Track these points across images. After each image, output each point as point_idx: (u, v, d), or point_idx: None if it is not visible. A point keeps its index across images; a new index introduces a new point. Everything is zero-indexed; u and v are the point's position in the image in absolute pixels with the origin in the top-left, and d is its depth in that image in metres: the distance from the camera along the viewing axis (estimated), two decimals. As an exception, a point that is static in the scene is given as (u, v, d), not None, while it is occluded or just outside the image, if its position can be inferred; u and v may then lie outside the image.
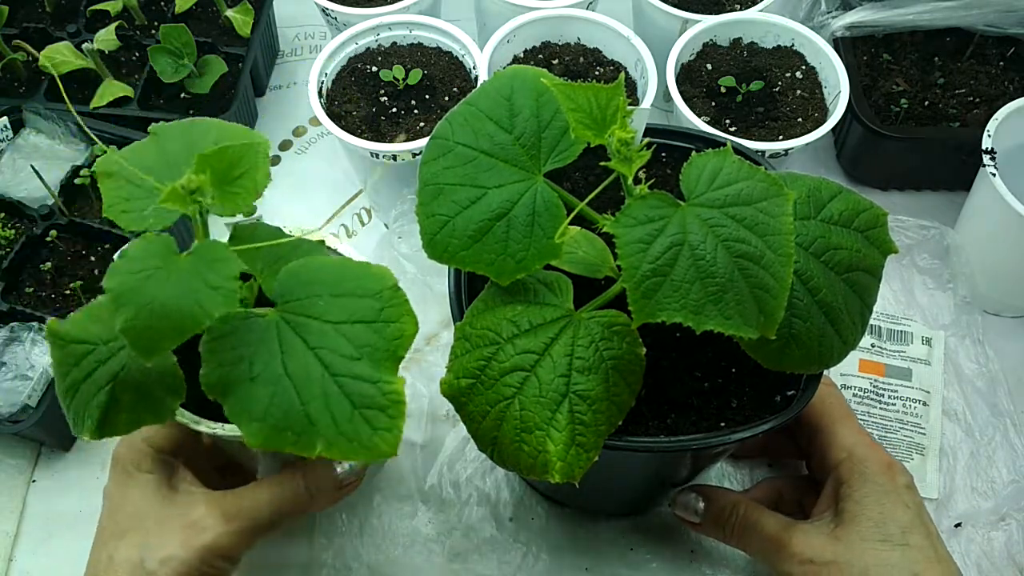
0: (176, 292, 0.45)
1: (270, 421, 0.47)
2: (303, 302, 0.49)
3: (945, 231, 0.88)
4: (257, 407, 0.47)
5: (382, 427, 0.47)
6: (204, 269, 0.45)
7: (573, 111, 0.49)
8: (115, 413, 0.50)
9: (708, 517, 0.66)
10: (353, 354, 0.48)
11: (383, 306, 0.49)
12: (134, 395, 0.50)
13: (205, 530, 0.56)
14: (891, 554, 0.58)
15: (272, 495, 0.58)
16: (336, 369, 0.48)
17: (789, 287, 0.47)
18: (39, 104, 0.91)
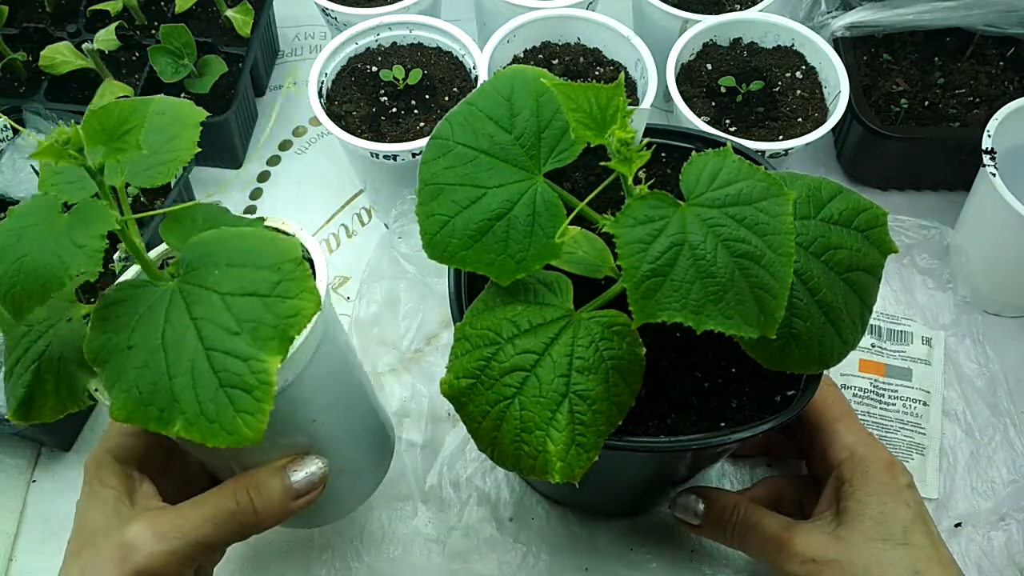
0: (44, 250, 0.44)
1: (135, 394, 0.44)
2: (200, 272, 0.47)
3: (945, 231, 0.88)
4: (127, 378, 0.45)
5: (245, 409, 0.44)
6: (75, 227, 0.44)
7: (573, 111, 0.49)
8: (40, 396, 0.50)
9: (708, 519, 0.66)
10: (233, 328, 0.45)
11: (280, 279, 0.46)
12: (55, 376, 0.49)
13: (136, 550, 0.52)
14: (893, 553, 0.58)
15: (209, 509, 0.53)
16: (211, 343, 0.45)
17: (789, 287, 0.47)
18: (39, 104, 0.91)
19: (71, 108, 0.92)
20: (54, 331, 0.50)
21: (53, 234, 0.44)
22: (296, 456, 0.56)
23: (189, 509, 0.54)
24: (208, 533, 0.53)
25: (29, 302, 0.44)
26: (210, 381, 0.44)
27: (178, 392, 0.44)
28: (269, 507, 0.54)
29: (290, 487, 0.55)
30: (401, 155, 0.82)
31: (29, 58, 0.97)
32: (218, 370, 0.44)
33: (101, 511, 0.55)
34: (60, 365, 0.49)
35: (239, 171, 0.99)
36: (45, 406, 0.50)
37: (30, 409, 0.50)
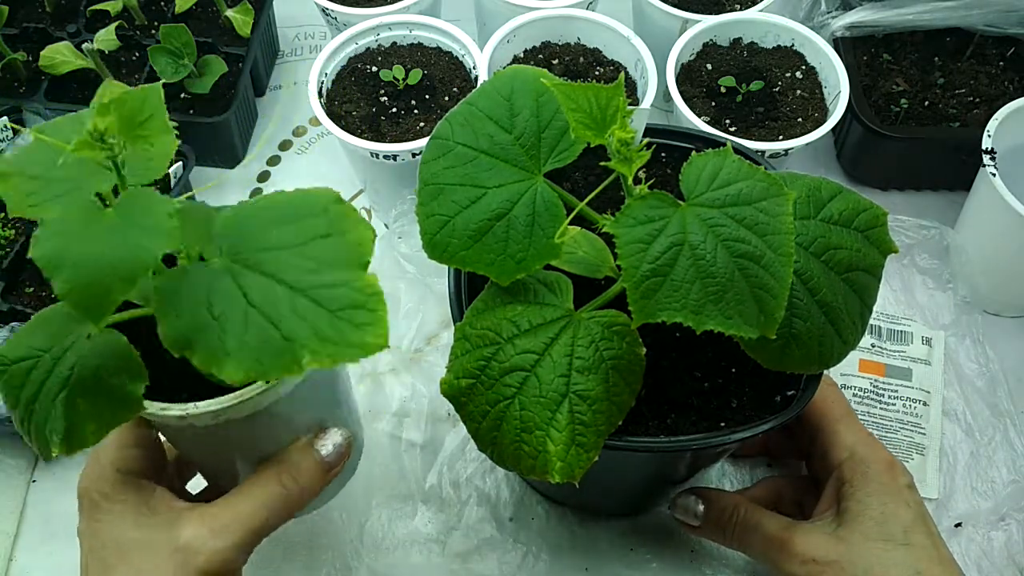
0: (112, 241, 0.42)
1: (246, 353, 0.44)
2: (246, 239, 0.47)
3: (945, 231, 0.88)
4: (229, 343, 0.44)
5: (365, 322, 0.45)
6: (136, 213, 0.43)
7: (573, 111, 0.49)
8: (79, 422, 0.47)
9: (708, 520, 0.66)
10: (313, 267, 0.46)
11: (332, 219, 0.47)
12: (93, 396, 0.47)
13: (199, 551, 0.52)
14: (894, 553, 0.58)
15: (259, 496, 0.54)
16: (300, 285, 0.45)
17: (789, 287, 0.47)
18: (39, 104, 0.91)
19: (71, 108, 0.92)
20: (73, 353, 0.48)
21: (113, 226, 0.43)
22: (318, 432, 0.58)
23: (239, 500, 0.54)
24: (263, 519, 0.54)
25: (110, 297, 0.42)
26: (319, 313, 0.45)
27: (291, 333, 0.44)
28: (309, 484, 0.56)
29: (323, 461, 0.57)
30: (401, 155, 0.82)
31: (29, 58, 0.97)
32: (323, 302, 0.45)
33: (120, 525, 0.53)
34: (97, 384, 0.47)
35: (239, 171, 0.99)
36: (87, 432, 0.47)
37: (73, 440, 0.47)
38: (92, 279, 0.41)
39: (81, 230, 0.43)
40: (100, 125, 0.43)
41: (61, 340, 0.48)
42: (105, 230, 0.43)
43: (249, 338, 0.44)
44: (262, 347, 0.44)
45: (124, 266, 0.42)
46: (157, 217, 0.43)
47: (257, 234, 0.47)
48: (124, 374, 0.47)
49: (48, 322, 0.49)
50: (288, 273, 0.46)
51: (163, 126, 0.46)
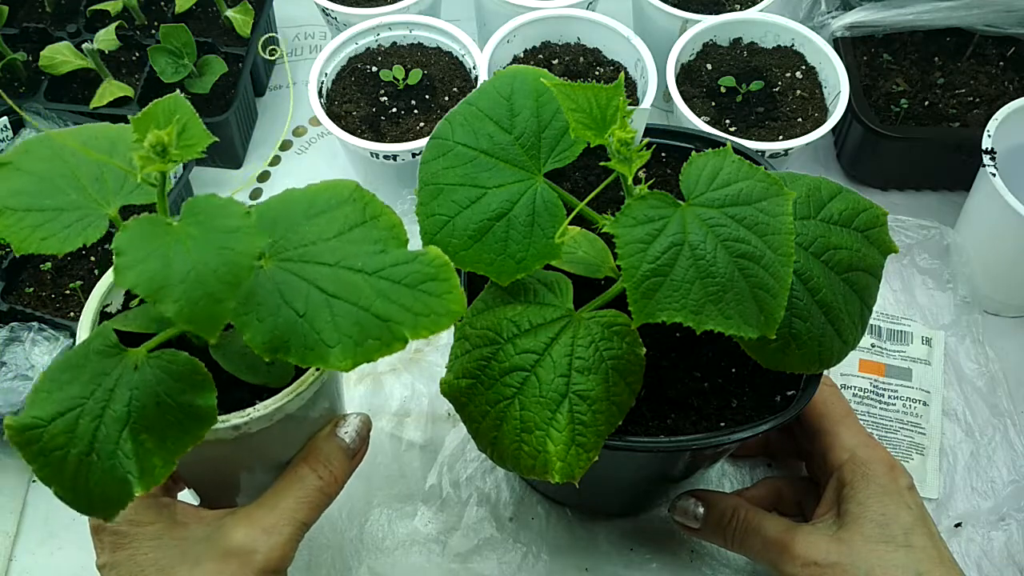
0: (207, 252, 0.42)
1: (348, 342, 0.45)
2: (284, 237, 0.48)
3: (945, 231, 0.88)
4: (327, 336, 0.45)
5: (444, 291, 0.47)
6: (214, 220, 0.43)
7: (573, 111, 0.49)
8: (147, 461, 0.45)
9: (707, 522, 0.66)
10: (375, 250, 0.48)
11: (362, 207, 0.49)
12: (159, 425, 0.45)
13: (255, 551, 0.53)
14: (895, 555, 0.58)
15: (300, 490, 0.56)
16: (371, 268, 0.47)
17: (789, 287, 0.47)
18: (39, 104, 0.91)
19: (71, 108, 0.92)
20: (124, 389, 0.46)
21: (196, 239, 0.43)
22: (337, 419, 0.60)
23: (281, 498, 0.55)
24: (306, 513, 0.55)
25: (223, 307, 0.42)
26: (402, 291, 0.47)
27: (384, 314, 0.46)
28: (340, 471, 0.58)
29: (348, 447, 0.59)
30: (401, 155, 0.82)
31: (29, 58, 0.97)
32: (402, 279, 0.47)
33: (156, 546, 0.53)
34: (161, 411, 0.46)
35: (239, 171, 0.99)
36: (155, 465, 0.45)
37: (146, 476, 0.45)
38: (202, 294, 0.41)
39: (168, 248, 0.42)
40: (162, 138, 0.43)
41: (101, 381, 0.46)
42: (193, 243, 0.42)
43: (344, 327, 0.45)
44: (361, 333, 0.46)
45: (228, 273, 0.42)
46: (237, 219, 0.43)
47: (292, 230, 0.48)
48: (191, 391, 0.46)
49: (76, 368, 0.46)
50: (355, 258, 0.47)
51: (202, 132, 0.46)
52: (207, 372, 0.47)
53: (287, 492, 0.56)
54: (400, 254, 0.48)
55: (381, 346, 0.46)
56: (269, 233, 0.48)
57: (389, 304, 0.46)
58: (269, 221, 0.49)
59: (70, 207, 0.47)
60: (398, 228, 0.49)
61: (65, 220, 0.46)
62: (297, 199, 0.50)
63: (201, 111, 0.93)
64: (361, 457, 0.60)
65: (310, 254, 0.48)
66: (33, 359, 0.76)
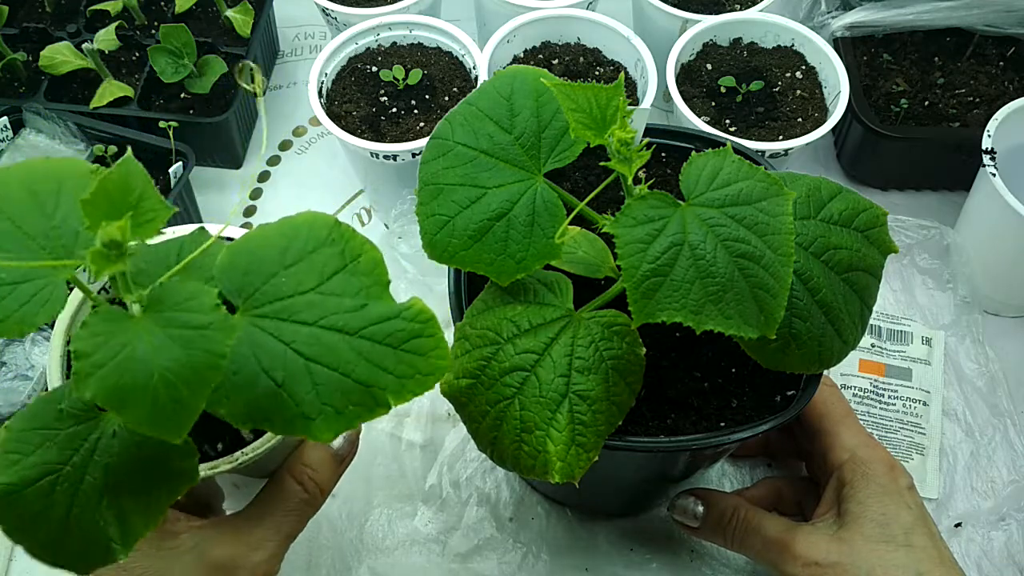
0: (173, 352, 0.38)
1: (329, 412, 0.42)
2: (257, 287, 0.44)
3: (945, 231, 0.88)
4: (307, 407, 0.42)
5: (429, 349, 0.44)
6: (179, 317, 0.39)
7: (573, 111, 0.49)
8: (128, 520, 0.43)
9: (707, 522, 0.66)
10: (356, 304, 0.44)
11: (341, 248, 0.45)
12: (139, 489, 0.44)
13: (239, 568, 0.52)
14: (895, 555, 0.58)
15: (285, 502, 0.55)
16: (352, 328, 0.44)
17: (789, 287, 0.47)
18: (39, 104, 0.91)
19: (71, 108, 0.92)
20: (103, 455, 0.44)
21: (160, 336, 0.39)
22: None
23: (264, 510, 0.54)
24: (292, 525, 0.54)
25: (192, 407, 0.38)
26: (385, 352, 0.43)
27: (367, 379, 0.43)
28: (326, 480, 0.56)
29: (336, 453, 0.57)
30: (401, 155, 0.82)
31: (29, 58, 0.97)
32: (384, 340, 0.44)
33: (143, 558, 0.52)
34: (142, 475, 0.44)
35: (239, 171, 0.99)
36: (137, 529, 0.44)
37: (125, 542, 0.44)
38: (168, 401, 0.38)
39: (129, 350, 0.38)
40: (115, 234, 0.37)
41: (79, 447, 0.44)
42: (157, 343, 0.38)
43: (326, 395, 0.42)
44: (343, 400, 0.43)
45: (198, 376, 0.38)
46: (207, 313, 0.39)
47: (266, 279, 0.44)
48: (172, 455, 0.44)
49: (48, 431, 0.44)
50: (333, 319, 0.44)
51: (158, 202, 0.41)
52: (188, 439, 0.42)
53: (272, 505, 0.55)
54: (383, 309, 0.44)
55: (363, 412, 0.43)
56: (242, 283, 0.44)
57: (372, 368, 0.43)
58: (242, 269, 0.45)
59: (24, 278, 0.41)
60: (380, 268, 0.45)
61: (21, 296, 0.41)
62: (271, 242, 0.45)
63: (201, 111, 0.94)
64: (349, 461, 0.59)
65: (288, 310, 0.44)
66: (33, 359, 0.76)
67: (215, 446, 0.53)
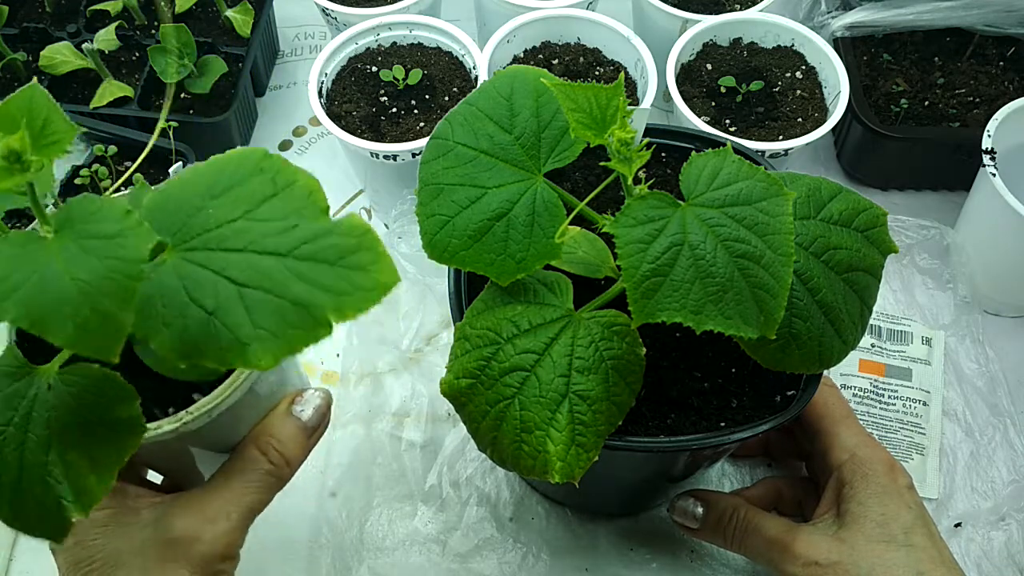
0: (89, 267, 0.37)
1: (266, 335, 0.40)
2: (186, 222, 0.42)
3: (945, 231, 0.88)
4: (242, 332, 0.40)
5: (369, 263, 0.42)
6: (93, 227, 0.39)
7: (573, 111, 0.49)
8: (80, 478, 0.42)
9: (707, 523, 0.66)
10: (286, 225, 0.42)
11: (272, 176, 0.43)
12: (85, 442, 0.42)
13: (197, 540, 0.51)
14: (896, 554, 0.58)
15: (248, 475, 0.53)
16: (284, 248, 0.41)
17: (789, 287, 0.47)
18: (39, 104, 0.91)
19: (71, 108, 0.92)
20: (41, 410, 0.42)
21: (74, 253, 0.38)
22: (296, 394, 0.56)
23: (226, 482, 0.53)
24: (253, 499, 0.53)
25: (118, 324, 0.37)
26: (320, 269, 0.42)
27: (302, 298, 0.41)
28: (295, 452, 0.54)
29: (305, 425, 0.55)
30: (401, 155, 0.82)
31: (29, 58, 0.97)
32: (317, 257, 0.42)
33: (105, 535, 0.51)
34: (84, 428, 0.43)
35: (239, 171, 0.99)
36: (91, 484, 0.43)
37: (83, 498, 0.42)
38: (91, 313, 0.37)
39: (43, 269, 0.37)
40: (13, 144, 0.37)
41: (17, 405, 0.43)
42: (71, 258, 0.37)
43: (261, 320, 0.41)
44: (279, 323, 0.41)
45: (117, 285, 0.37)
46: (116, 221, 0.38)
47: (195, 214, 0.43)
48: (111, 404, 0.43)
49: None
50: (263, 242, 0.42)
51: (64, 124, 0.40)
52: (123, 382, 0.43)
53: (234, 476, 0.53)
54: (315, 227, 0.42)
55: (303, 334, 0.41)
56: (170, 221, 0.42)
57: (307, 287, 0.41)
58: (171, 208, 0.43)
59: None
60: (316, 194, 0.43)
61: None
62: (199, 178, 0.44)
63: (201, 111, 0.94)
64: (320, 435, 0.57)
65: (216, 239, 0.42)
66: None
67: (165, 411, 0.50)
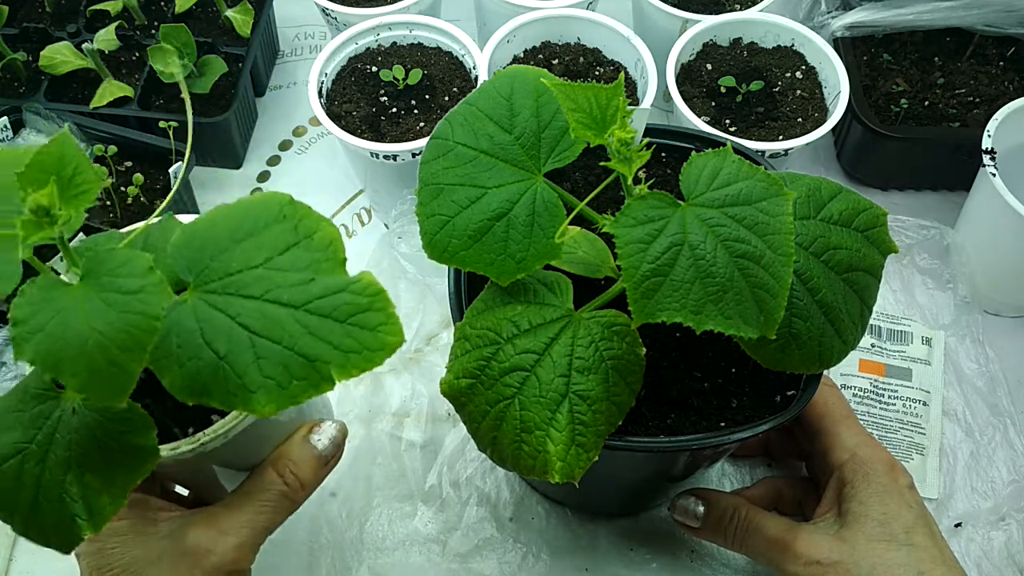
0: (107, 317, 0.39)
1: (271, 385, 0.42)
2: (209, 264, 0.44)
3: (945, 231, 0.88)
4: (249, 380, 0.42)
5: (378, 323, 0.44)
6: (115, 277, 0.40)
7: (573, 111, 0.49)
8: (93, 498, 0.44)
9: (708, 522, 0.66)
10: (303, 278, 0.44)
11: (295, 224, 0.45)
12: (102, 465, 0.44)
13: (209, 552, 0.53)
14: (896, 553, 0.58)
15: (263, 495, 0.56)
16: (297, 301, 0.43)
17: (789, 287, 0.47)
18: (39, 104, 0.91)
19: (71, 108, 0.92)
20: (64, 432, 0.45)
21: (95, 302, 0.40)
22: (313, 424, 0.59)
23: (242, 500, 0.55)
24: (267, 518, 0.55)
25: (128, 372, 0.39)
26: (330, 326, 0.43)
27: (310, 353, 0.43)
28: (309, 477, 0.57)
29: (320, 455, 0.58)
30: (401, 155, 0.82)
31: (29, 58, 0.97)
32: (329, 313, 0.43)
33: (122, 542, 0.54)
34: (103, 452, 0.45)
35: (239, 171, 0.99)
36: (103, 504, 0.45)
37: (96, 517, 0.45)
38: (104, 363, 0.38)
39: (64, 316, 0.39)
40: (42, 200, 0.39)
41: (41, 426, 0.45)
42: (92, 308, 0.39)
43: (268, 369, 0.42)
44: (285, 374, 0.42)
45: (131, 338, 0.39)
46: (140, 277, 0.40)
47: (218, 256, 0.45)
48: (129, 431, 0.45)
49: (16, 413, 0.46)
50: (280, 292, 0.43)
51: (92, 175, 0.42)
52: (143, 413, 0.45)
53: (250, 495, 0.56)
54: (330, 283, 0.44)
55: (307, 387, 0.43)
56: (194, 260, 0.45)
57: (316, 342, 0.43)
58: (196, 246, 0.45)
59: None
60: (335, 245, 0.45)
61: None
62: (224, 219, 0.46)
63: (201, 111, 0.94)
64: (334, 464, 0.59)
65: (235, 285, 0.44)
66: (33, 359, 0.76)
67: (185, 431, 0.53)
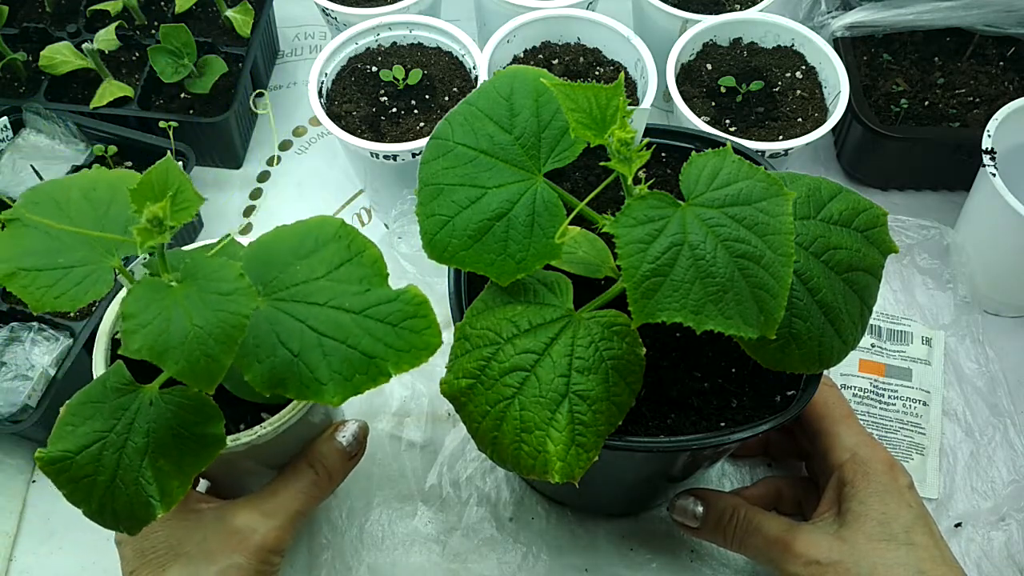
0: (205, 315, 0.46)
1: (339, 379, 0.50)
2: (275, 277, 0.52)
3: (945, 231, 0.88)
4: (321, 374, 0.50)
5: (423, 328, 0.52)
6: (211, 282, 0.47)
7: (573, 111, 0.49)
8: (165, 481, 0.50)
9: (707, 522, 0.66)
10: (360, 289, 0.52)
11: (347, 244, 0.53)
12: (175, 452, 0.50)
13: (254, 532, 0.60)
14: (896, 553, 0.58)
15: (296, 484, 0.62)
16: (357, 308, 0.51)
17: (789, 287, 0.47)
18: (39, 104, 0.91)
19: (71, 108, 0.92)
20: (143, 422, 0.50)
21: (195, 301, 0.46)
22: (339, 424, 0.66)
23: (280, 488, 0.62)
24: (302, 503, 0.62)
25: (220, 362, 0.45)
26: (386, 329, 0.51)
27: (371, 351, 0.51)
28: (335, 470, 0.65)
29: (344, 450, 0.65)
30: (401, 155, 0.82)
31: (29, 58, 0.97)
32: (385, 318, 0.52)
33: (164, 526, 0.59)
34: (176, 440, 0.50)
35: (239, 171, 0.99)
36: (173, 487, 0.50)
37: (163, 500, 0.50)
38: (200, 355, 0.45)
39: (168, 313, 0.46)
40: (158, 212, 0.46)
41: (121, 416, 0.51)
42: (191, 306, 0.46)
43: (335, 364, 0.50)
44: (350, 369, 0.50)
45: (225, 333, 0.45)
46: (232, 281, 0.47)
47: (285, 269, 0.53)
48: (202, 422, 0.51)
49: (96, 404, 0.51)
50: (341, 300, 0.52)
51: (192, 193, 0.48)
52: (215, 405, 0.51)
53: (287, 484, 0.63)
54: (383, 293, 0.52)
55: (368, 380, 0.51)
56: (263, 272, 0.52)
57: (375, 342, 0.51)
58: (264, 261, 0.53)
59: (78, 263, 0.50)
60: (379, 263, 0.53)
61: (75, 277, 0.50)
62: (287, 238, 0.54)
63: (201, 111, 0.94)
64: (357, 460, 0.66)
65: (302, 293, 0.52)
66: (33, 359, 0.76)
67: (238, 427, 0.59)
